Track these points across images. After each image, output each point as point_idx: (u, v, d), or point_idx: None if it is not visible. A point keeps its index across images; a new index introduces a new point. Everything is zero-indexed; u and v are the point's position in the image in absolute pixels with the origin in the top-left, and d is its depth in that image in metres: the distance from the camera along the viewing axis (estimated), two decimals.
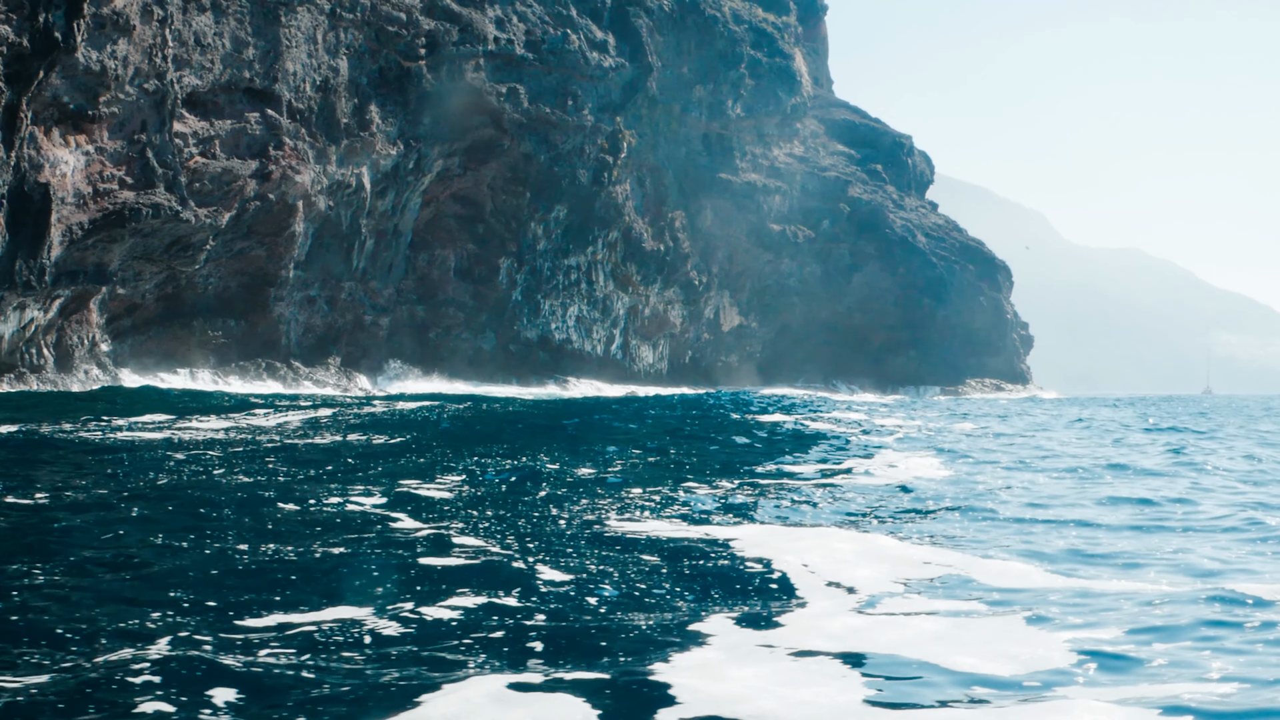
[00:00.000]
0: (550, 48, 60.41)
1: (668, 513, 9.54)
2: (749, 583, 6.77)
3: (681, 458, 14.74)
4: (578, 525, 8.74)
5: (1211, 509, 9.89)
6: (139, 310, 44.90)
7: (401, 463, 12.99)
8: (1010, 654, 5.35)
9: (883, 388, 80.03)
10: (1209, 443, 21.08)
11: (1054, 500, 10.93)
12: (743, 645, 5.36)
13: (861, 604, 6.28)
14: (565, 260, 63.67)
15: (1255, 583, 6.82)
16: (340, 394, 45.88)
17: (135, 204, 41.19)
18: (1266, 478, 13.60)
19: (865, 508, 10.12)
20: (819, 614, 5.97)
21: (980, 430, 23.11)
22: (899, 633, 5.60)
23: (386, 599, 6.29)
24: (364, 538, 8.01)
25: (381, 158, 53.21)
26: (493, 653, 5.22)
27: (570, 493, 10.71)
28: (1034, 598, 6.52)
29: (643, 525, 8.72)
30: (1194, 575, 7.28)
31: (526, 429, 20.18)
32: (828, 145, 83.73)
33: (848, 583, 6.85)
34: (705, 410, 32.66)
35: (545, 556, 7.49)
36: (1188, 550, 8.10)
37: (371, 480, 11.31)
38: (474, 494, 10.55)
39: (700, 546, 7.91)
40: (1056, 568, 7.52)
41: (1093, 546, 8.33)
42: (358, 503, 9.79)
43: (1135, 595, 6.57)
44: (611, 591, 6.35)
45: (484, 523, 8.77)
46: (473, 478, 11.78)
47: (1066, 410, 43.36)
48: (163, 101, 43.16)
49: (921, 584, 6.93)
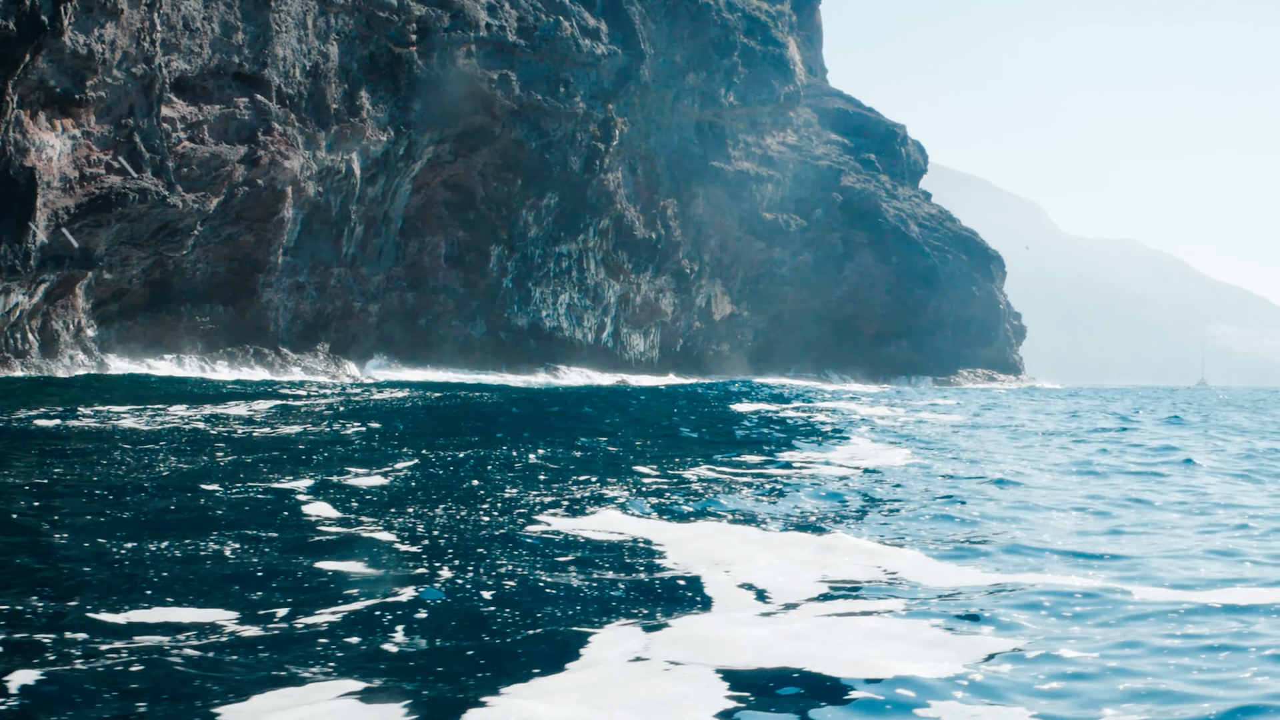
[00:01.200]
0: (542, 34, 60.18)
1: (601, 508, 9.15)
2: (655, 589, 6.32)
3: (645, 448, 14.51)
4: (502, 522, 8.34)
5: (1170, 516, 9.63)
6: (126, 296, 44.77)
7: (352, 452, 12.45)
8: (912, 658, 5.08)
9: (875, 377, 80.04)
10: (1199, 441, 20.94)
11: (1008, 498, 10.50)
12: (613, 660, 5.01)
13: (770, 610, 5.89)
14: (556, 248, 63.52)
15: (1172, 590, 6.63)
16: (329, 380, 45.80)
17: (122, 189, 41.04)
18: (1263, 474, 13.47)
19: (811, 503, 9.61)
20: (715, 622, 5.62)
21: (962, 423, 22.96)
22: (796, 644, 5.23)
23: (252, 600, 5.90)
24: (265, 535, 7.59)
25: (372, 144, 53.03)
26: (342, 665, 4.88)
27: (511, 486, 10.40)
28: (955, 601, 6.27)
29: (571, 522, 8.44)
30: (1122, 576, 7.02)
31: (501, 418, 19.92)
32: (821, 134, 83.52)
33: (762, 585, 6.46)
34: (691, 400, 32.59)
35: (451, 556, 7.10)
36: (1139, 557, 7.86)
37: (312, 470, 10.90)
38: (409, 486, 10.16)
39: (621, 546, 7.57)
40: (991, 567, 7.22)
41: (1037, 541, 8.08)
42: (281, 494, 9.41)
43: (1055, 591, 6.42)
44: (502, 598, 6.00)
45: (402, 517, 8.44)
46: (418, 468, 11.31)
47: (1053, 403, 43.19)
48: (151, 86, 42.96)
49: (843, 585, 6.56)
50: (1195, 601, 6.26)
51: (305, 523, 8.14)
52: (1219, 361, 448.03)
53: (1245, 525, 9.22)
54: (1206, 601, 6.23)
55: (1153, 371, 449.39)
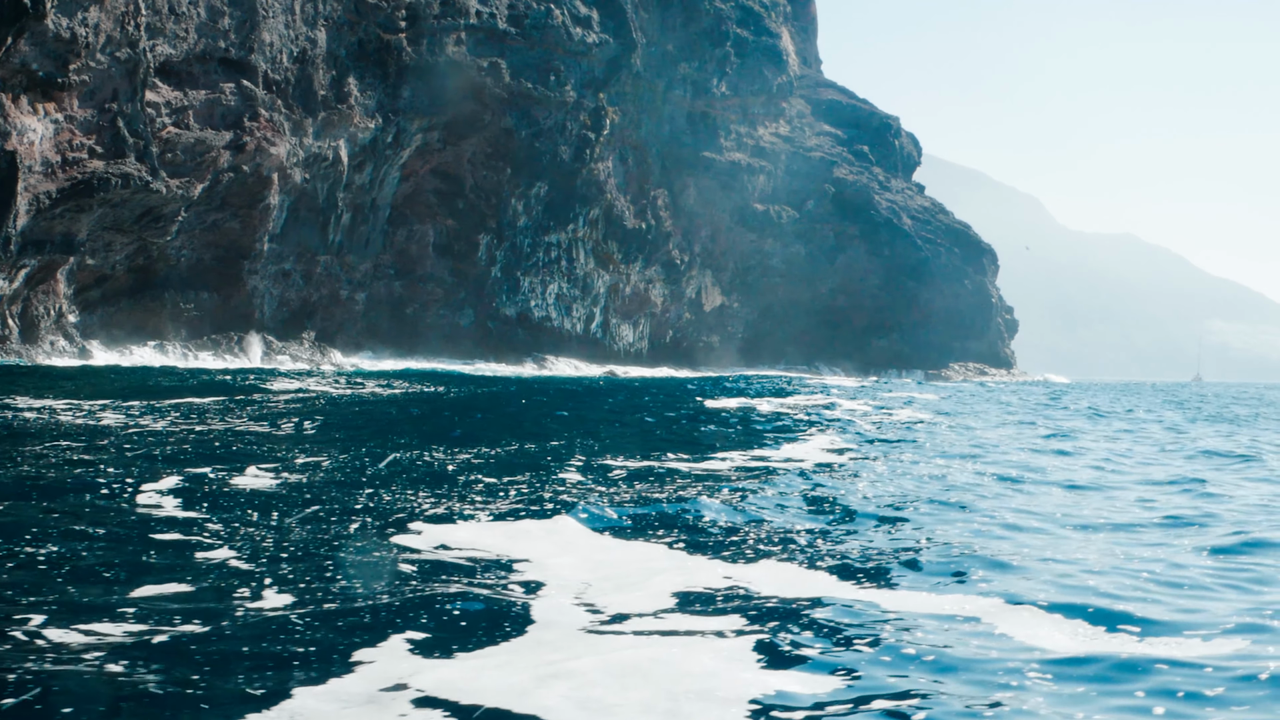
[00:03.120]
0: (533, 22, 59.88)
1: (485, 513, 8.50)
2: (468, 610, 5.61)
3: (587, 448, 14.20)
4: (368, 530, 7.67)
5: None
6: (109, 281, 44.56)
7: (270, 451, 11.70)
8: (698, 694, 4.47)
9: (865, 370, 79.87)
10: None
11: (926, 502, 9.73)
12: (350, 696, 4.40)
13: (589, 637, 5.21)
14: (545, 237, 63.28)
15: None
16: (311, 368, 45.62)
17: (105, 173, 40.81)
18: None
19: (712, 513, 8.84)
20: (499, 656, 4.93)
21: (926, 419, 22.70)
22: (556, 686, 4.56)
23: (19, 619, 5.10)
24: (82, 544, 6.64)
25: (360, 131, 52.78)
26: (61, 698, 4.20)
27: (412, 488, 9.66)
28: (793, 625, 5.57)
29: (437, 531, 7.68)
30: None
31: (464, 414, 19.60)
32: (814, 125, 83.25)
33: (603, 604, 5.80)
34: (670, 395, 32.37)
35: (284, 571, 6.28)
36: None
37: (196, 471, 9.98)
38: (292, 489, 9.24)
39: (472, 559, 6.83)
40: (869, 583, 6.55)
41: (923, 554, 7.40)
42: (143, 496, 8.45)
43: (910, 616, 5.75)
44: (285, 627, 5.20)
45: (251, 526, 7.58)
46: (321, 468, 10.52)
47: (1029, 397, 42.89)
48: (135, 70, 42.68)
49: (696, 599, 5.91)
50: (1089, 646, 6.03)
51: (134, 533, 7.22)
52: (1216, 357, 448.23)
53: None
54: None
55: (1149, 367, 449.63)
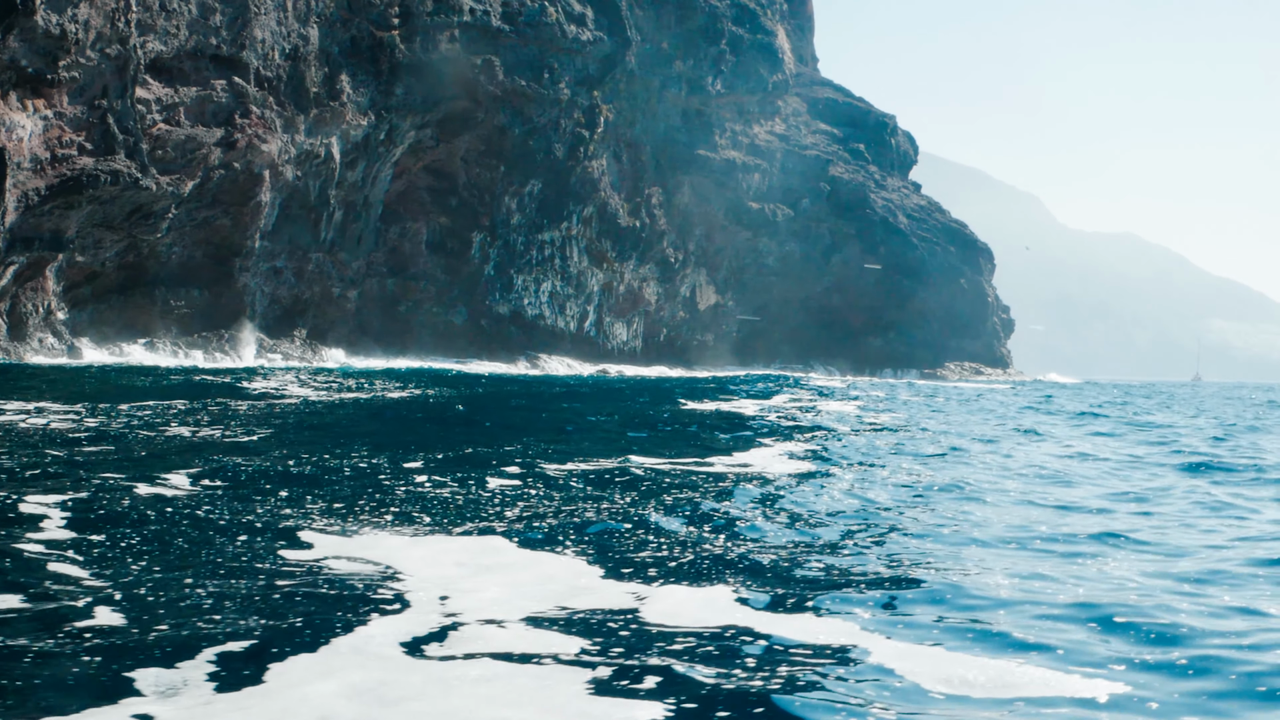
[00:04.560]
0: (527, 20, 59.74)
1: (390, 523, 8.07)
2: (311, 622, 5.31)
3: (546, 447, 13.99)
4: (252, 544, 7.20)
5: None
6: (99, 279, 44.44)
7: (196, 457, 11.13)
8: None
9: (860, 370, 79.71)
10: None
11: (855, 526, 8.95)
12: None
13: (417, 663, 4.85)
14: (539, 235, 63.14)
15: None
16: (299, 366, 45.54)
17: (94, 170, 40.68)
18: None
19: (649, 520, 8.49)
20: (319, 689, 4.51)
21: (904, 424, 22.48)
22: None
23: None
24: None
25: (352, 128, 52.65)
26: None
27: (327, 497, 9.12)
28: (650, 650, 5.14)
29: (329, 542, 7.26)
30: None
31: (429, 417, 19.31)
32: (810, 124, 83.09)
33: (451, 626, 5.37)
34: (653, 394, 32.23)
35: (129, 588, 5.82)
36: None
37: (122, 473, 9.66)
38: (193, 498, 8.79)
39: (349, 573, 6.40)
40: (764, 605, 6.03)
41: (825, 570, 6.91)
42: (26, 506, 7.86)
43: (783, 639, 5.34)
44: (81, 651, 4.75)
45: (124, 539, 7.03)
46: (239, 476, 10.00)
47: (1018, 402, 42.49)
48: (125, 67, 42.56)
49: (555, 622, 5.49)
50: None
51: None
52: (1216, 357, 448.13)
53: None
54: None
55: (1149, 366, 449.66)
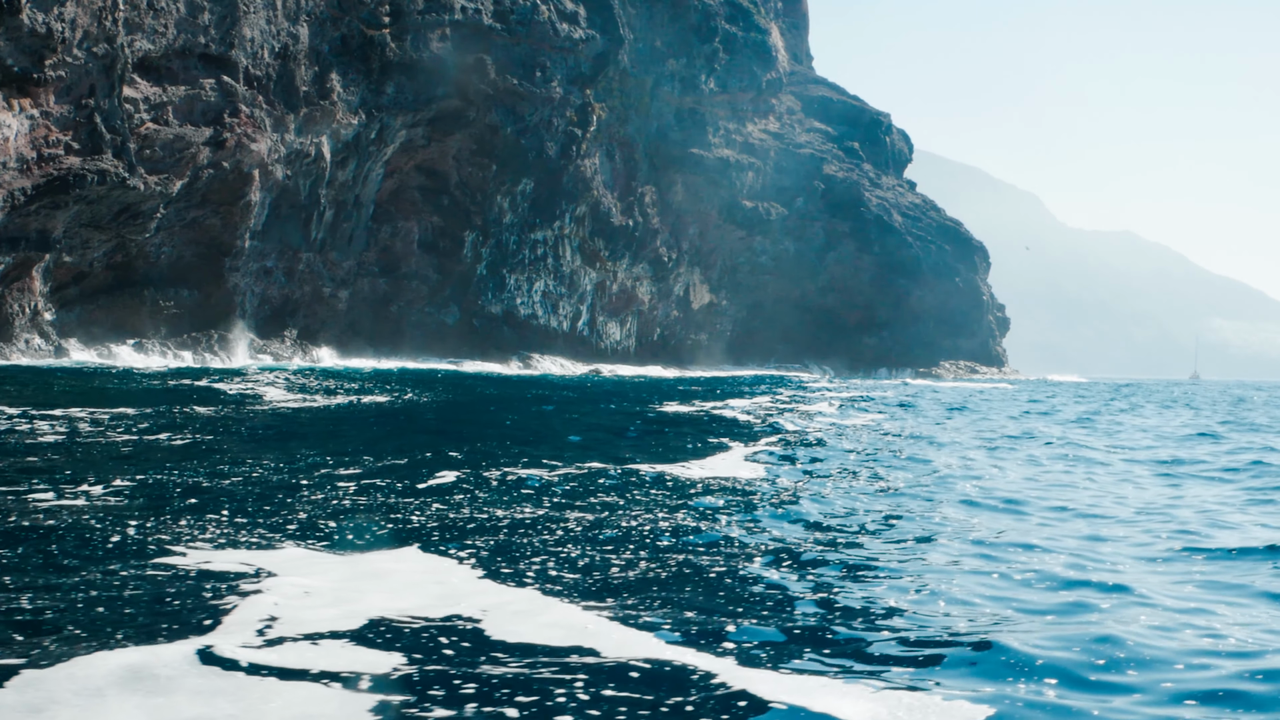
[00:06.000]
0: (519, 18, 59.50)
1: (274, 533, 7.74)
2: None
3: (498, 453, 13.62)
4: (130, 549, 6.95)
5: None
6: (87, 279, 44.22)
7: (115, 468, 10.69)
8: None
9: (855, 369, 79.44)
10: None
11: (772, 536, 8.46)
12: None
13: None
14: (531, 234, 62.90)
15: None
16: (284, 367, 45.33)
17: (81, 170, 40.46)
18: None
19: (563, 534, 8.11)
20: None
21: (880, 427, 22.12)
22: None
23: None
24: None
25: (342, 127, 52.42)
26: None
27: (238, 504, 8.78)
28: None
29: (200, 553, 6.95)
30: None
31: (391, 421, 18.89)
32: (804, 122, 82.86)
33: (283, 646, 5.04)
34: (635, 393, 32.00)
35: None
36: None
37: (18, 485, 9.28)
38: (85, 510, 8.38)
39: (210, 583, 6.10)
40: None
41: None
42: None
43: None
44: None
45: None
46: (145, 486, 9.61)
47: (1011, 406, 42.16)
48: (112, 66, 42.32)
49: (377, 638, 5.18)
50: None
51: None
52: (1215, 355, 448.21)
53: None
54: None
55: (1148, 365, 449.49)
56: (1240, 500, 11.65)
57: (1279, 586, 6.93)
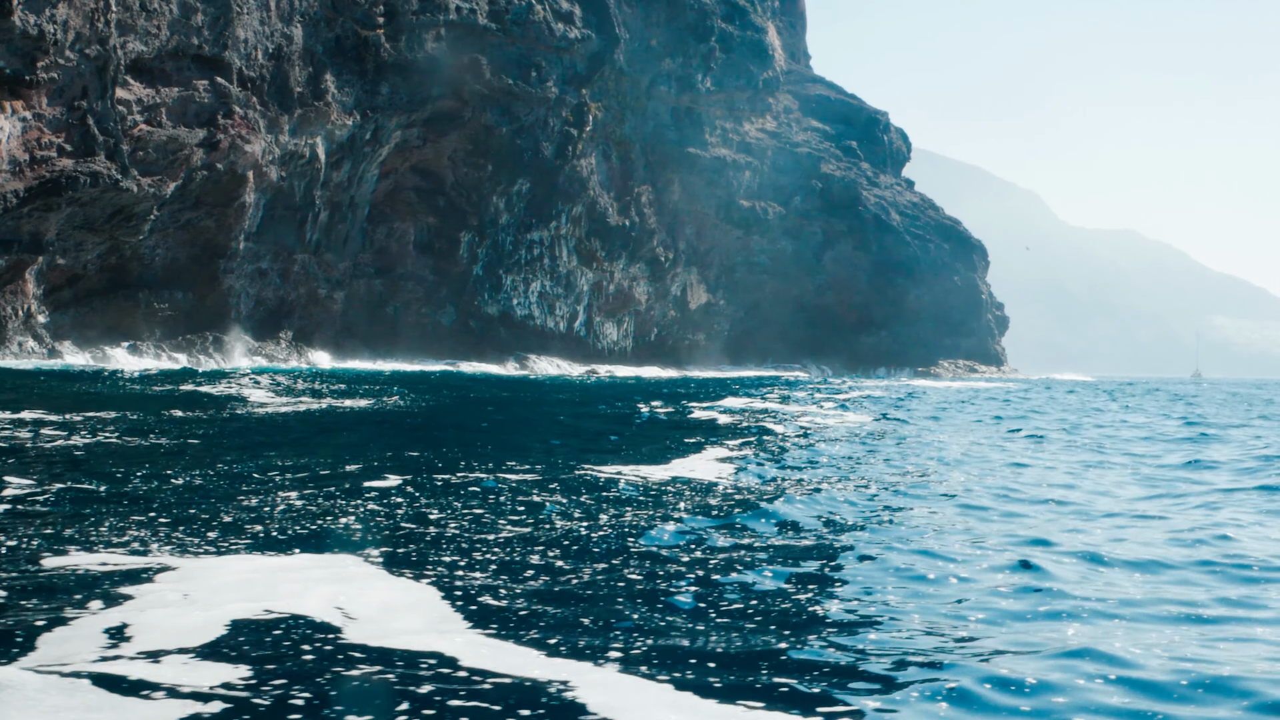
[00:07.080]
0: (514, 18, 59.42)
1: (196, 539, 7.52)
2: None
3: (465, 459, 13.39)
4: (30, 553, 6.77)
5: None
6: (81, 281, 44.16)
7: (77, 472, 10.42)
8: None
9: (854, 368, 79.31)
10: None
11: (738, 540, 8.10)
12: None
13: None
14: (528, 235, 62.83)
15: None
16: (291, 366, 45.27)
17: (73, 172, 40.40)
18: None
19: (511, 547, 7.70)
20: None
21: (863, 428, 21.88)
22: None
23: None
24: None
25: (337, 128, 52.35)
26: None
27: (172, 510, 8.58)
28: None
29: (110, 558, 6.74)
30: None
31: (361, 425, 18.66)
32: (801, 121, 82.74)
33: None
34: (622, 392, 31.80)
35: None
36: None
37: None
38: (24, 513, 8.21)
39: (100, 590, 5.88)
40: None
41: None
42: None
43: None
44: None
45: None
46: (78, 492, 9.31)
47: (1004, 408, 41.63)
48: (105, 67, 42.27)
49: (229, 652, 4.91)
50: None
51: None
52: (1217, 353, 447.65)
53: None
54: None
55: (1150, 363, 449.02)
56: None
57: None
